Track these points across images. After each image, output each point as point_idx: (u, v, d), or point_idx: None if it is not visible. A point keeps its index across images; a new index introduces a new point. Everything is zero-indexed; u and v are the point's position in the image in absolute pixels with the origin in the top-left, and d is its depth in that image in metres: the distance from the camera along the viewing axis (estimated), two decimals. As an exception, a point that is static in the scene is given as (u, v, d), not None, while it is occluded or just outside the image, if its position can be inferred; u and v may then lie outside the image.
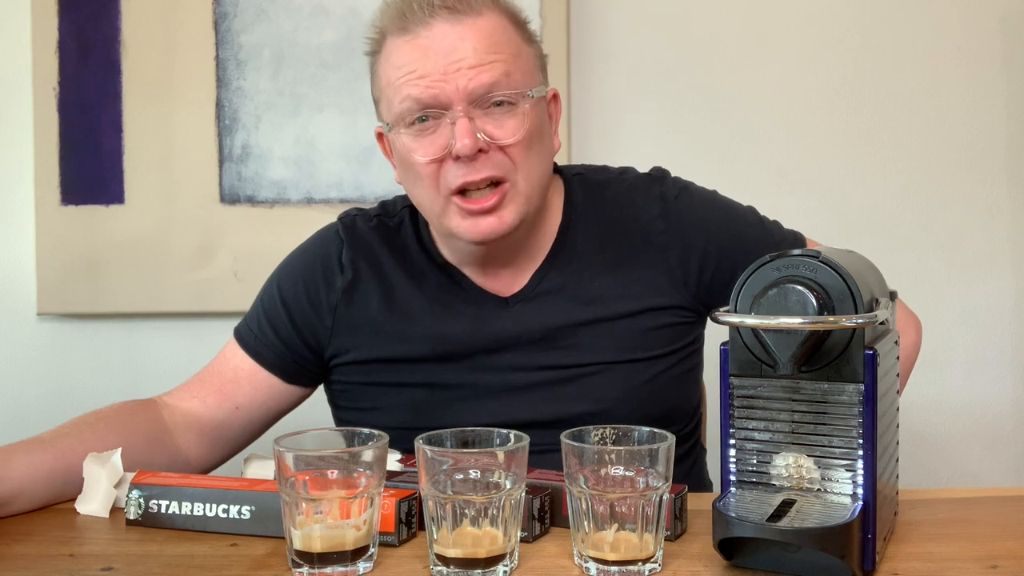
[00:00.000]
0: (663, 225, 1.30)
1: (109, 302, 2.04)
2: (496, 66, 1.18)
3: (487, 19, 1.20)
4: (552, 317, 1.27)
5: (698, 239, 1.29)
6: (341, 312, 1.30)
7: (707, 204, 1.34)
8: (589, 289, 1.28)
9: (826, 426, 0.87)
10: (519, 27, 1.24)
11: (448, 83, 1.17)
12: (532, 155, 1.21)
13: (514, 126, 1.19)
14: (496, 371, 1.26)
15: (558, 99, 1.31)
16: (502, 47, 1.19)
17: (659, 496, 0.88)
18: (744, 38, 2.05)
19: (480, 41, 1.18)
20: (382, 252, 1.32)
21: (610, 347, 1.26)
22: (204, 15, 2.03)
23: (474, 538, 0.87)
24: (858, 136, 2.06)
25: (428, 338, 1.27)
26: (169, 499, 1.04)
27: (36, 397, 2.09)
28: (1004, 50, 2.05)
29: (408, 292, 1.30)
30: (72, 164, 2.03)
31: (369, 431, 0.94)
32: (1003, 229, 2.06)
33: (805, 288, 0.84)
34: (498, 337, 1.26)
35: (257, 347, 1.33)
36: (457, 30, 1.18)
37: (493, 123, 1.18)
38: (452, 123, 1.17)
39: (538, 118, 1.22)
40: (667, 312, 1.29)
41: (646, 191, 1.33)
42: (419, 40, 1.18)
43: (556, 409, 1.23)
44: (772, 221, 1.36)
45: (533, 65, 1.25)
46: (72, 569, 0.93)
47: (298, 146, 2.02)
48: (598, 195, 1.33)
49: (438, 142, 1.19)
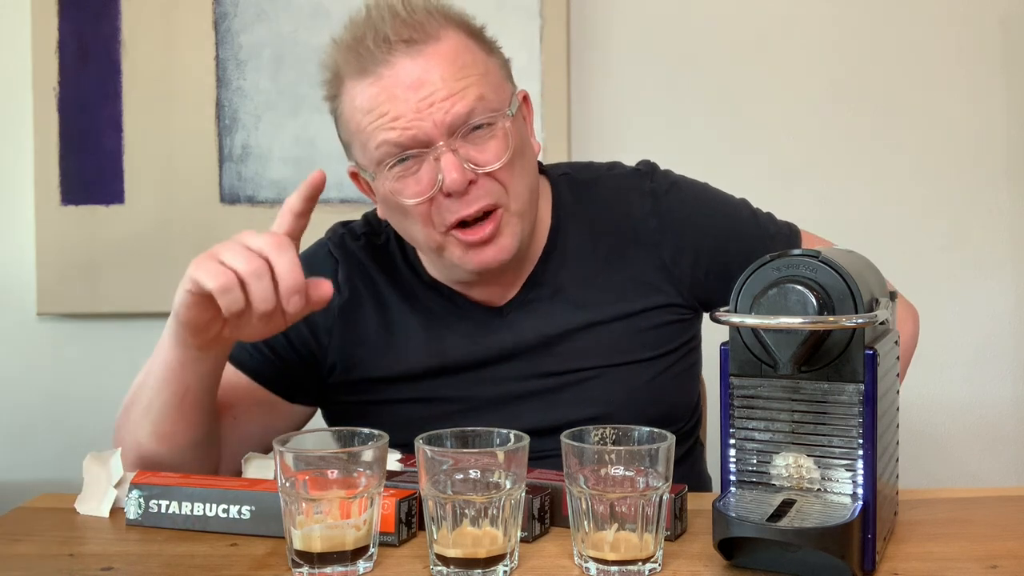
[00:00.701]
0: (655, 222, 1.28)
1: (109, 302, 2.05)
2: (469, 92, 1.13)
3: (447, 42, 1.15)
4: (547, 324, 1.25)
5: (690, 235, 1.28)
6: (338, 332, 1.28)
7: (698, 198, 1.32)
8: (583, 293, 1.26)
9: (826, 426, 0.87)
10: (478, 40, 1.20)
11: (424, 120, 1.12)
12: (519, 172, 1.18)
13: (497, 148, 1.15)
14: (494, 382, 1.25)
15: (528, 101, 1.27)
16: (469, 69, 1.15)
17: (659, 496, 0.87)
18: (744, 38, 2.06)
19: (446, 68, 1.13)
20: (374, 271, 1.29)
21: (607, 350, 1.25)
22: (204, 15, 2.03)
23: (474, 538, 0.87)
24: (858, 136, 2.06)
25: (424, 355, 1.25)
26: (169, 499, 1.04)
27: (36, 397, 2.10)
28: (1004, 50, 2.05)
29: (402, 311, 1.28)
30: (72, 164, 2.03)
31: (369, 431, 0.94)
32: (1003, 229, 2.07)
33: (805, 288, 0.84)
34: (494, 348, 1.25)
35: (254, 364, 1.27)
36: (420, 63, 1.13)
37: (476, 149, 1.15)
38: (436, 159, 1.13)
39: (517, 132, 1.19)
40: (663, 311, 1.27)
41: (635, 187, 1.30)
42: (383, 81, 1.13)
43: (556, 416, 1.21)
44: (765, 213, 1.34)
45: (499, 77, 1.20)
46: (72, 569, 0.93)
47: (298, 146, 2.02)
48: (586, 194, 1.31)
49: (424, 180, 1.15)
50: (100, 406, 2.10)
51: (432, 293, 1.28)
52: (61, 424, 2.08)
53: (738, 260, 0.97)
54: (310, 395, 1.32)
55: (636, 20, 2.05)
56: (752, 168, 2.03)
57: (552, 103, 1.99)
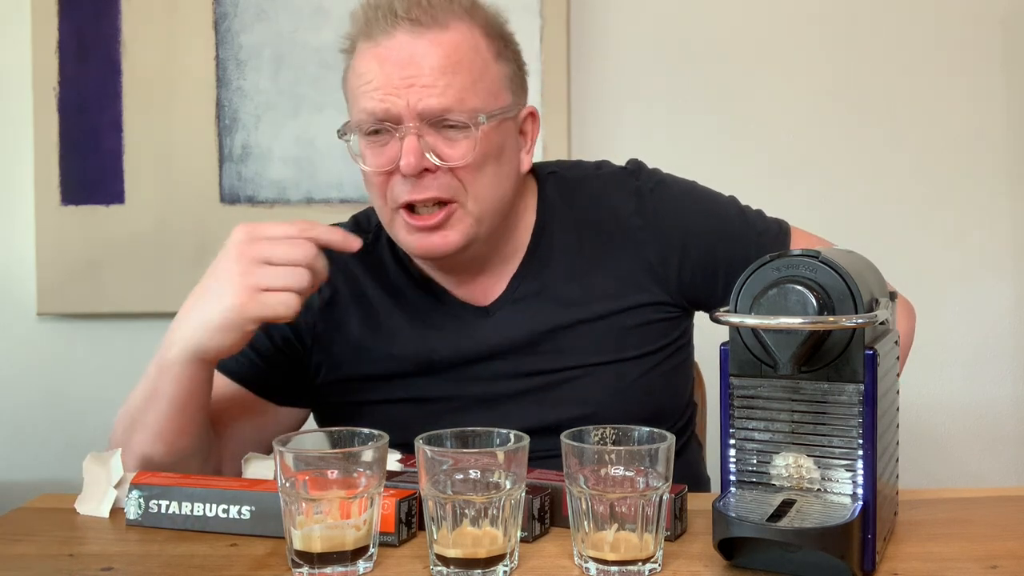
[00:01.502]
0: (640, 221, 1.28)
1: (109, 302, 2.05)
2: (449, 91, 1.14)
3: (453, 34, 1.16)
4: (533, 322, 1.25)
5: (676, 233, 1.27)
6: (320, 331, 1.28)
7: (685, 196, 1.31)
8: (568, 291, 1.26)
9: (826, 426, 0.87)
10: (492, 41, 1.20)
11: (400, 98, 1.14)
12: (484, 177, 1.18)
13: (465, 148, 1.15)
14: (481, 381, 1.25)
15: (536, 117, 1.27)
16: (462, 67, 1.15)
17: (659, 496, 0.87)
18: (744, 38, 2.05)
19: (438, 60, 1.14)
20: (358, 269, 1.29)
21: (594, 349, 1.25)
22: (204, 15, 2.03)
23: (474, 538, 0.87)
24: (858, 136, 2.06)
25: (410, 353, 1.26)
26: (169, 499, 1.04)
27: (36, 397, 2.10)
28: (1004, 50, 2.05)
29: (387, 308, 1.28)
30: (72, 164, 2.03)
31: (369, 431, 0.94)
32: (1003, 229, 2.07)
33: (805, 288, 0.84)
34: (481, 347, 1.25)
35: (241, 371, 1.27)
36: (417, 43, 1.15)
37: (445, 142, 1.16)
38: (401, 138, 1.15)
39: (495, 140, 1.18)
40: (649, 309, 1.27)
41: (622, 186, 1.30)
42: (379, 49, 1.16)
43: (543, 415, 1.21)
44: (755, 211, 1.33)
45: (500, 85, 1.20)
46: (72, 569, 0.93)
47: (298, 146, 2.02)
48: (573, 193, 1.31)
49: (387, 154, 1.16)
50: (100, 406, 2.10)
51: (419, 290, 1.28)
52: (61, 424, 2.09)
53: (725, 259, 0.97)
54: (300, 398, 1.32)
55: (636, 20, 2.05)
56: (752, 168, 2.03)
57: (552, 103, 1.99)
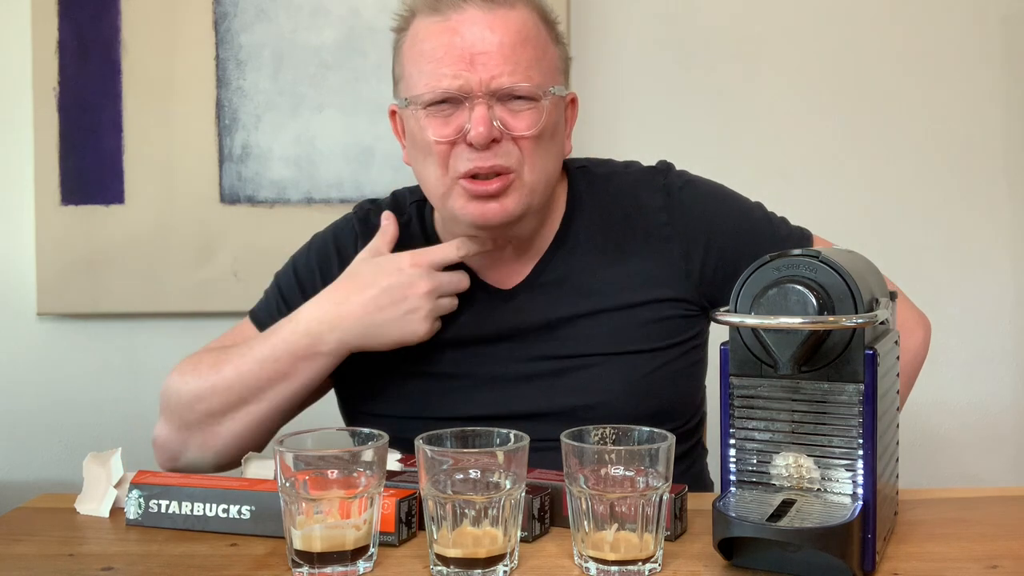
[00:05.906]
0: (666, 217, 1.30)
1: (109, 302, 2.04)
2: (520, 65, 1.18)
3: (519, 13, 1.20)
4: (553, 308, 1.27)
5: (702, 232, 1.29)
6: None
7: (712, 197, 1.33)
8: (590, 280, 1.28)
9: (826, 426, 0.87)
10: (548, 26, 1.25)
11: (472, 74, 1.17)
12: (541, 150, 1.22)
13: (531, 119, 1.19)
14: (496, 361, 1.27)
15: (576, 104, 1.32)
16: (529, 45, 1.19)
17: (659, 496, 0.88)
18: (744, 37, 2.05)
19: (508, 35, 1.18)
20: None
21: (610, 339, 1.26)
22: (204, 15, 2.03)
23: (474, 538, 0.87)
24: (858, 135, 2.06)
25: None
26: (169, 499, 1.04)
27: (36, 397, 2.10)
28: (1004, 50, 2.05)
29: None
30: (72, 164, 2.03)
31: (369, 431, 0.94)
32: (1003, 229, 2.07)
33: (805, 288, 0.84)
34: (499, 327, 1.27)
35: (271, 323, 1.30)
36: (488, 19, 1.18)
37: (510, 114, 1.19)
38: (470, 108, 1.18)
39: (554, 116, 1.23)
40: (668, 304, 1.28)
41: (650, 183, 1.33)
42: (449, 23, 1.18)
43: (553, 401, 1.24)
44: (780, 218, 1.35)
45: (556, 67, 1.25)
46: (72, 569, 0.93)
47: (298, 146, 2.02)
48: (601, 187, 1.33)
49: (453, 124, 1.19)
50: (100, 406, 2.11)
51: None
52: (61, 424, 2.08)
53: (749, 260, 0.97)
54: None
55: (636, 20, 2.05)
56: (753, 167, 2.02)
57: (552, 103, 1.99)
